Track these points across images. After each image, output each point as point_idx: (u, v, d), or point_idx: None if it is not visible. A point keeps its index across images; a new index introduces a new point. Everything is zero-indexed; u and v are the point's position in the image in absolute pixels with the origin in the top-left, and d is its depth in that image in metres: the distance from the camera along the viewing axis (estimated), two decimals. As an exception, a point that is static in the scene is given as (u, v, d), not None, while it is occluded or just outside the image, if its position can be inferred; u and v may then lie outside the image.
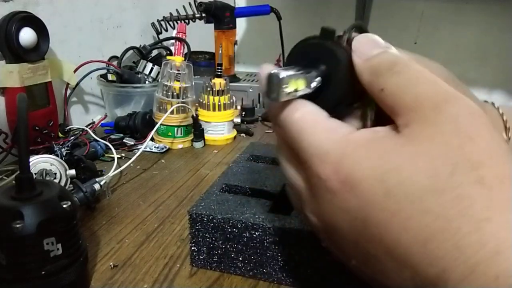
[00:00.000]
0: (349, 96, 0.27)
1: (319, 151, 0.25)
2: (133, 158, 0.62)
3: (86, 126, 0.78)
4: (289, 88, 0.25)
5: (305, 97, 0.26)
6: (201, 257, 0.41)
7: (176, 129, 0.76)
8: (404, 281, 0.22)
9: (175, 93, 0.75)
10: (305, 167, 0.26)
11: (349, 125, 0.26)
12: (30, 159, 0.50)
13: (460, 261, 0.20)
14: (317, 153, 0.25)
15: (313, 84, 0.26)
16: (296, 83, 0.25)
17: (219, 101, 0.78)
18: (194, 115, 0.76)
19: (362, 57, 0.26)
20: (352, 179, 0.23)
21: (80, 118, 0.86)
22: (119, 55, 0.92)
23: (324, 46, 0.27)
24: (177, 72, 0.75)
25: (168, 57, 0.84)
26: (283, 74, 0.25)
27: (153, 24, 1.02)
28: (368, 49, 0.26)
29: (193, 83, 0.77)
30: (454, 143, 0.21)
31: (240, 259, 0.40)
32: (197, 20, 1.01)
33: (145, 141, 0.70)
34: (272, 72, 0.25)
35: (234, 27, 1.02)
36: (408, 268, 0.22)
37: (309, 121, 0.26)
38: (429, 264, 0.21)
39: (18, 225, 0.32)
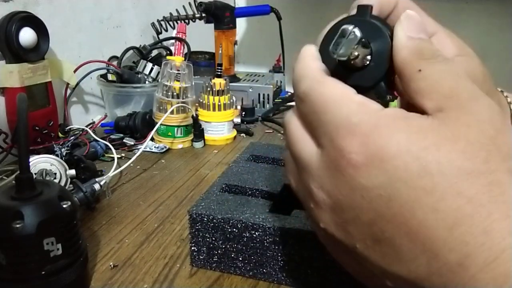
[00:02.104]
0: (391, 77, 0.26)
1: (347, 122, 0.23)
2: (133, 158, 0.62)
3: (86, 126, 0.78)
4: (356, 51, 0.25)
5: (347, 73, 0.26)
6: (201, 257, 0.41)
7: (176, 129, 0.76)
8: (417, 268, 0.21)
9: (175, 93, 0.75)
10: (326, 141, 0.24)
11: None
12: (30, 159, 0.50)
13: (486, 247, 0.19)
14: (345, 124, 0.23)
15: (368, 58, 0.26)
16: (362, 50, 0.25)
17: (219, 101, 0.78)
18: (194, 115, 0.76)
19: (408, 33, 0.25)
20: (384, 153, 0.22)
21: (80, 118, 0.86)
22: (119, 55, 0.92)
23: (370, 23, 0.26)
24: (177, 72, 0.75)
25: (168, 57, 0.84)
26: (358, 31, 0.25)
27: (153, 24, 1.02)
28: (416, 29, 0.25)
29: (193, 83, 0.77)
30: (489, 133, 0.22)
31: (240, 259, 0.40)
32: (197, 20, 1.01)
33: (145, 141, 0.70)
34: (348, 27, 0.25)
35: (234, 27, 1.02)
36: (427, 253, 0.21)
37: (338, 93, 0.25)
38: (452, 249, 0.20)
39: (18, 225, 0.32)
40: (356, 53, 0.25)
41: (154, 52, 0.96)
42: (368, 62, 0.25)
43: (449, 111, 0.22)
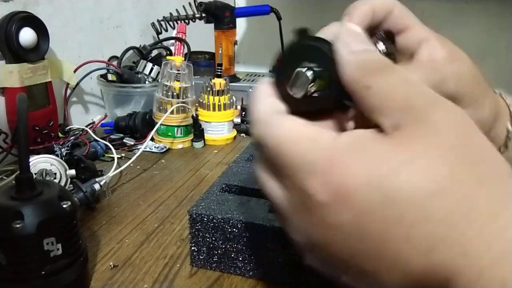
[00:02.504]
0: (344, 94, 0.25)
1: (304, 162, 0.23)
2: (133, 158, 0.62)
3: (86, 126, 0.78)
4: (312, 88, 0.25)
5: (299, 104, 0.26)
6: (201, 257, 0.41)
7: (176, 129, 0.76)
8: None
9: (175, 93, 0.75)
10: (289, 183, 0.24)
11: (331, 129, 0.25)
12: (30, 159, 0.50)
13: (467, 268, 0.19)
14: (302, 165, 0.23)
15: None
16: (318, 82, 0.25)
17: (219, 101, 0.78)
18: (194, 115, 0.76)
19: (348, 48, 0.24)
20: (345, 189, 0.21)
21: (80, 118, 0.86)
22: (119, 55, 0.92)
23: (309, 46, 0.25)
24: (177, 72, 0.75)
25: (168, 57, 0.84)
26: (310, 72, 0.25)
27: (153, 24, 1.02)
28: (355, 42, 0.24)
29: (193, 83, 0.77)
30: (451, 142, 0.21)
31: (240, 259, 0.40)
32: (197, 20, 1.01)
33: (145, 141, 0.70)
34: (301, 70, 0.25)
35: (234, 27, 1.02)
36: (408, 280, 0.21)
37: (289, 133, 0.24)
38: (432, 275, 0.20)
39: (18, 225, 0.32)
40: (312, 89, 0.25)
41: (154, 52, 0.96)
42: (322, 88, 0.25)
43: (405, 128, 0.21)
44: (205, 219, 0.39)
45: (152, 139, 0.76)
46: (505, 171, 0.21)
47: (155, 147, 0.75)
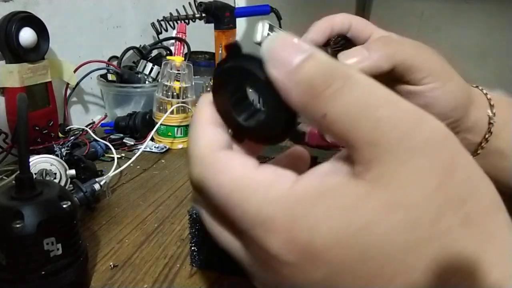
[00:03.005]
0: (294, 118, 0.20)
1: (260, 218, 0.19)
2: (133, 158, 0.62)
3: (86, 126, 0.78)
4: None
5: (245, 132, 0.22)
6: (201, 257, 0.41)
7: (176, 129, 0.76)
8: None
9: (175, 93, 0.75)
10: (246, 239, 0.20)
11: (287, 167, 0.20)
12: (30, 159, 0.50)
13: None
14: (258, 222, 0.19)
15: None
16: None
17: (219, 101, 0.78)
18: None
19: (283, 68, 0.19)
20: (313, 247, 0.18)
21: (80, 118, 0.86)
22: (119, 55, 0.92)
23: (239, 68, 0.21)
24: (177, 72, 0.75)
25: (168, 57, 0.84)
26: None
27: (153, 24, 1.02)
28: (287, 56, 0.19)
29: (193, 83, 0.77)
30: (432, 183, 0.17)
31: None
32: (197, 20, 1.01)
33: (145, 141, 0.70)
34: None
35: (234, 27, 1.02)
36: None
37: (237, 179, 0.20)
38: None
39: (18, 225, 0.32)
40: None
41: (154, 52, 0.96)
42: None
43: (379, 165, 0.18)
44: (205, 219, 0.39)
45: (152, 139, 0.76)
46: (491, 205, 0.19)
47: (155, 147, 0.75)
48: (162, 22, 1.02)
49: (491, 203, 0.19)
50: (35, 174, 0.51)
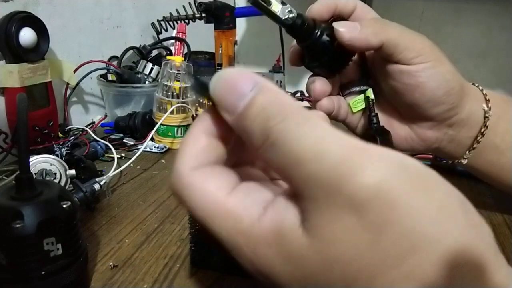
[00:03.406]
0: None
1: (231, 245, 0.21)
2: (133, 158, 0.62)
3: (86, 126, 0.78)
4: None
5: None
6: (201, 257, 0.41)
7: (176, 129, 0.76)
8: None
9: (175, 93, 0.75)
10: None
11: (258, 202, 0.21)
12: (30, 159, 0.50)
13: None
14: (230, 247, 0.21)
15: None
16: None
17: (219, 101, 0.78)
18: (194, 115, 0.76)
19: (231, 115, 0.21)
20: (273, 278, 0.20)
21: (80, 118, 0.86)
22: (119, 55, 0.92)
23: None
24: (177, 72, 0.75)
25: (168, 57, 0.84)
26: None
27: (153, 24, 1.02)
28: (233, 101, 0.20)
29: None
30: (363, 241, 0.17)
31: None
32: (197, 20, 1.01)
33: (145, 141, 0.70)
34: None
35: (234, 27, 1.02)
36: None
37: (209, 207, 0.21)
38: None
39: (18, 225, 0.32)
40: None
41: (154, 52, 0.96)
42: None
43: (313, 220, 0.18)
44: (205, 219, 0.39)
45: (152, 139, 0.76)
46: (442, 257, 0.17)
47: (155, 147, 0.75)
48: (162, 22, 1.02)
49: (441, 255, 0.17)
50: (35, 174, 0.51)
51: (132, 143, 0.76)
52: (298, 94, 1.10)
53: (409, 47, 0.40)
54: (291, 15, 0.38)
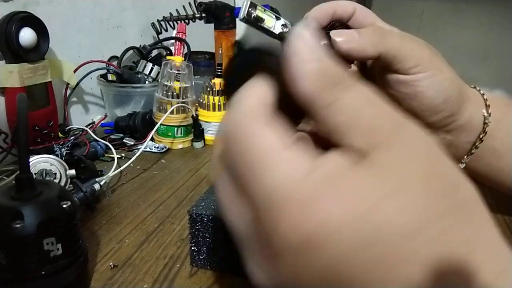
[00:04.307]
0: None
1: (277, 194, 0.20)
2: (133, 158, 0.62)
3: (86, 126, 0.78)
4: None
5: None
6: (201, 257, 0.41)
7: (176, 129, 0.76)
8: None
9: (175, 93, 0.75)
10: (257, 213, 0.21)
11: (313, 149, 0.21)
12: (30, 159, 0.50)
13: None
14: (274, 198, 0.20)
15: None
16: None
17: (219, 101, 0.78)
18: (194, 115, 0.76)
19: (302, 59, 0.21)
20: (320, 233, 0.19)
21: (80, 118, 0.86)
22: (119, 55, 0.92)
23: (255, 60, 0.23)
24: (177, 72, 0.75)
25: (168, 57, 0.84)
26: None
27: (153, 24, 1.02)
28: (308, 51, 0.21)
29: (193, 83, 0.77)
30: (422, 175, 0.19)
31: (241, 259, 0.40)
32: (197, 20, 1.01)
33: (145, 141, 0.70)
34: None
35: (234, 27, 1.02)
36: None
37: (266, 150, 0.20)
38: None
39: (18, 225, 0.32)
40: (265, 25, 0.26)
41: (154, 52, 0.96)
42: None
43: (375, 154, 0.19)
44: (205, 219, 0.39)
45: (152, 139, 0.76)
46: (473, 200, 0.20)
47: (155, 147, 0.75)
48: (162, 22, 1.02)
49: (472, 198, 0.20)
50: (35, 174, 0.51)
51: (132, 143, 0.76)
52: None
53: (408, 57, 0.40)
54: (285, 29, 0.38)
